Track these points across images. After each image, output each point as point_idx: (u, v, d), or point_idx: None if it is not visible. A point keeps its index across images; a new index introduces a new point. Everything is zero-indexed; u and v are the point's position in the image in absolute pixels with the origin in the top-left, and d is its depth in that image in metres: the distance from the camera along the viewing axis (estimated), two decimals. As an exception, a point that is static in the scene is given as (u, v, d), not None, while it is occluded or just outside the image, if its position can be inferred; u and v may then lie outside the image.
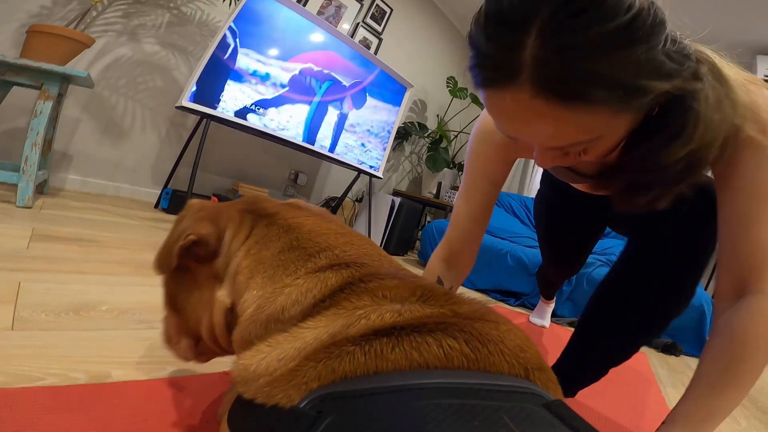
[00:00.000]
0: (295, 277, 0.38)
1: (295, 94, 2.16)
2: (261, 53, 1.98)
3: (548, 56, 0.31)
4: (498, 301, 2.07)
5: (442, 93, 3.77)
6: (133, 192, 2.20)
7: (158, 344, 0.70)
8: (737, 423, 1.04)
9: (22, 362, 0.55)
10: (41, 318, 0.68)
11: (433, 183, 3.63)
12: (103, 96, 1.98)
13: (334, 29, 2.31)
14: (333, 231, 0.43)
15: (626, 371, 1.31)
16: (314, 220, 0.44)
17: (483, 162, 0.70)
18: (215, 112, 1.83)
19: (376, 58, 2.56)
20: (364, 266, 0.39)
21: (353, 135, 2.54)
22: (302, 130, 2.26)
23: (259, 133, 2.09)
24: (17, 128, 1.73)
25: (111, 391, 0.54)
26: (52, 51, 1.44)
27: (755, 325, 0.44)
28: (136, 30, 2.00)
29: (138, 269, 1.06)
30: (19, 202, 1.35)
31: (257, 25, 1.94)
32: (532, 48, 0.32)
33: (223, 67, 1.85)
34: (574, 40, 0.31)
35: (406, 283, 0.37)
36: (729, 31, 2.89)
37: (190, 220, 0.43)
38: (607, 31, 0.30)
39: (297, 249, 0.40)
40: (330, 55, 2.31)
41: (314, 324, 0.34)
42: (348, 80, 2.43)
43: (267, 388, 0.31)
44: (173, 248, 0.41)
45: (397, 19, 3.27)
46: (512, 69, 0.33)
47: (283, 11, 2.03)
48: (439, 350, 0.29)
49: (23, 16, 1.66)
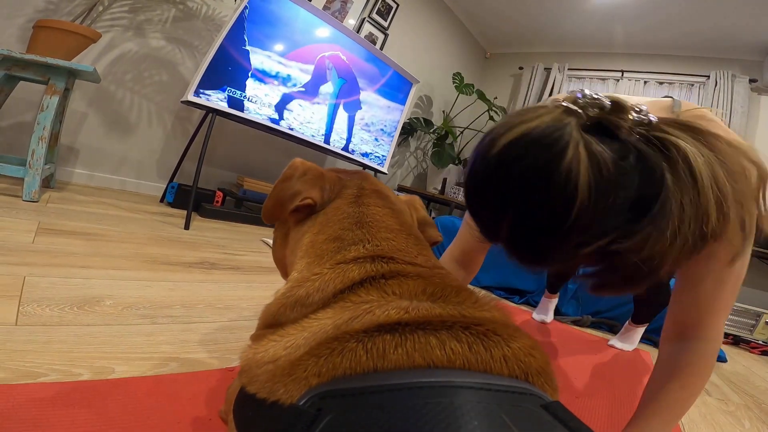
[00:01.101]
0: (326, 267, 0.39)
1: (310, 96, 2.16)
2: (278, 54, 2.00)
3: (516, 234, 0.43)
4: (502, 298, 2.06)
5: (448, 89, 3.74)
6: (138, 186, 2.21)
7: (162, 340, 0.70)
8: (741, 425, 1.03)
9: (25, 358, 0.55)
10: (45, 313, 0.68)
11: (438, 179, 3.61)
12: (110, 90, 1.98)
13: (350, 31, 2.30)
14: (383, 224, 0.44)
15: (628, 371, 1.30)
16: (376, 211, 0.45)
17: None
18: (220, 106, 1.83)
19: (388, 58, 2.54)
20: (390, 261, 0.39)
21: (367, 133, 2.58)
22: (324, 126, 2.32)
23: (264, 128, 2.08)
24: (24, 122, 1.73)
25: (114, 387, 0.54)
26: (58, 46, 1.44)
27: (696, 365, 0.54)
28: (142, 25, 2.00)
29: (143, 264, 1.06)
30: (25, 196, 1.35)
31: (271, 25, 1.93)
32: (506, 228, 0.43)
33: (239, 66, 1.84)
34: (534, 231, 0.41)
35: (425, 282, 0.37)
36: (742, 29, 2.84)
37: (301, 182, 0.46)
38: (558, 226, 0.38)
39: (338, 240, 0.42)
40: (347, 55, 2.34)
41: (323, 315, 0.35)
42: (361, 81, 2.46)
43: (269, 383, 0.31)
44: (287, 205, 0.46)
45: (403, 15, 3.25)
46: (495, 234, 0.45)
47: (300, 12, 2.02)
48: (441, 351, 0.29)
49: (30, 11, 1.67)
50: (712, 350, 0.54)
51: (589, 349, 1.46)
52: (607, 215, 0.37)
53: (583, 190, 0.36)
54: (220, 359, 0.70)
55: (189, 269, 1.12)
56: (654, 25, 3.13)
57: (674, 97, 0.92)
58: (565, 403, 0.29)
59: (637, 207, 0.37)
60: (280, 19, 2.00)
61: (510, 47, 4.21)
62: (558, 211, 0.38)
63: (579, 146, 0.37)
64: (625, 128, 0.39)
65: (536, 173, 0.38)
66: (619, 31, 3.36)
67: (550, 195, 0.38)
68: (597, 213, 0.37)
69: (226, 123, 2.22)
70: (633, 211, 0.37)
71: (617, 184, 0.37)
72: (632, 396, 1.05)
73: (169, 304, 0.85)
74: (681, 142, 0.38)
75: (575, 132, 0.37)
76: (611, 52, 3.65)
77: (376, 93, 2.57)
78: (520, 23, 3.69)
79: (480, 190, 0.45)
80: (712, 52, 3.20)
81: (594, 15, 3.24)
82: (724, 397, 1.23)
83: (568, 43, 3.77)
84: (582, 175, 0.36)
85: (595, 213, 0.37)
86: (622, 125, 0.39)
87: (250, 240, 1.77)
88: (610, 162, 0.36)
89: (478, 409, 0.24)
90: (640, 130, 0.39)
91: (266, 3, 1.93)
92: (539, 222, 0.40)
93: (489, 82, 4.33)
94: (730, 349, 2.15)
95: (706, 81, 3.19)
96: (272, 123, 2.05)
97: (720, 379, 1.45)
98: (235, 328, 0.84)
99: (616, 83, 3.61)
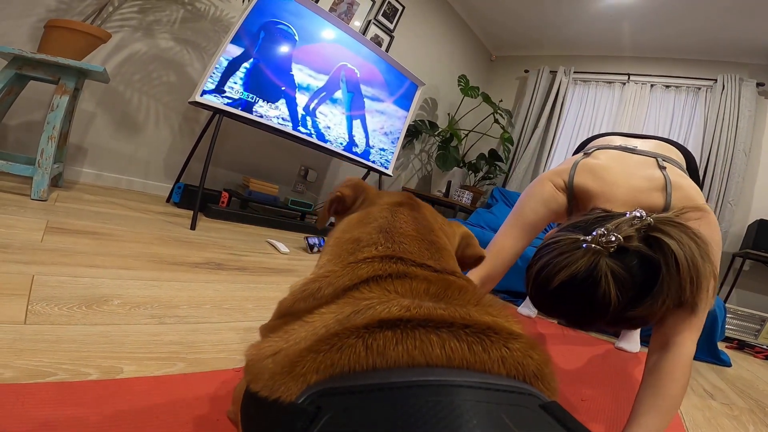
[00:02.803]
0: (339, 265, 0.41)
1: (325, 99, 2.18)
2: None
3: (571, 322, 0.71)
4: (507, 302, 2.05)
5: (453, 91, 3.74)
6: (145, 186, 2.22)
7: (170, 340, 0.70)
8: (745, 429, 1.02)
9: (33, 357, 0.55)
10: (54, 312, 0.68)
11: (443, 182, 3.60)
12: (118, 91, 2.00)
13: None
14: (401, 230, 0.46)
15: (630, 375, 1.29)
16: (401, 219, 0.47)
17: (537, 219, 0.91)
18: (227, 107, 1.83)
19: (393, 60, 2.54)
20: (399, 262, 0.40)
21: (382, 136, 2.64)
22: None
23: (271, 130, 2.09)
24: (33, 122, 1.75)
25: (122, 386, 0.54)
26: (69, 46, 1.45)
27: (674, 367, 0.67)
28: (151, 26, 2.01)
29: (150, 264, 1.06)
30: (34, 195, 1.36)
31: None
32: (564, 319, 0.70)
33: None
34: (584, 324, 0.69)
35: (428, 283, 0.38)
36: (749, 32, 2.82)
37: (341, 186, 0.55)
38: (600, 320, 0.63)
39: (357, 241, 0.44)
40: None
41: (328, 310, 0.36)
42: (378, 92, 2.55)
43: (270, 381, 0.31)
44: (326, 204, 0.55)
45: (409, 17, 3.25)
46: (553, 317, 0.72)
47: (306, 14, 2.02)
48: (440, 350, 0.29)
49: (41, 11, 1.68)
50: (688, 353, 0.68)
51: (586, 347, 1.45)
52: (627, 304, 0.58)
53: (614, 301, 0.57)
54: (227, 360, 0.70)
55: (195, 269, 1.13)
56: (661, 28, 3.12)
57: (672, 139, 1.09)
58: (567, 407, 0.29)
59: (643, 291, 0.58)
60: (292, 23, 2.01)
61: (515, 50, 4.20)
62: (600, 314, 0.60)
63: (607, 275, 0.57)
64: (632, 246, 0.58)
65: (584, 301, 0.60)
66: (626, 34, 3.34)
67: (595, 309, 0.60)
68: (621, 306, 0.58)
69: (233, 124, 2.23)
70: (641, 293, 0.58)
71: (633, 285, 0.58)
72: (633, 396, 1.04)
73: (176, 304, 0.86)
74: (670, 242, 0.57)
75: (603, 266, 0.57)
76: (618, 55, 3.64)
77: (387, 101, 2.57)
78: (525, 26, 3.69)
79: (545, 306, 0.69)
80: (719, 55, 3.18)
81: (600, 17, 3.23)
82: (728, 401, 1.22)
83: (574, 45, 3.76)
84: (612, 294, 0.57)
85: (619, 306, 0.58)
86: (631, 243, 0.58)
87: (256, 241, 1.78)
88: (627, 274, 0.57)
89: (477, 409, 0.24)
90: (643, 233, 0.59)
91: (274, 6, 1.94)
92: (588, 321, 0.65)
93: (494, 84, 4.32)
94: (734, 354, 2.13)
95: (713, 85, 3.17)
96: (279, 125, 2.06)
97: (724, 383, 1.44)
98: (241, 329, 0.84)
99: (622, 86, 3.59)
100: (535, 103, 3.87)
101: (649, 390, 0.66)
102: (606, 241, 0.58)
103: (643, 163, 0.89)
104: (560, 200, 0.90)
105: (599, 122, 3.62)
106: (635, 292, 0.57)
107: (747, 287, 2.90)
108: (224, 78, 1.81)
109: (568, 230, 0.66)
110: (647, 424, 0.62)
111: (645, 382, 0.68)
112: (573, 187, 0.89)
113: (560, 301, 0.64)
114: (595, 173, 0.87)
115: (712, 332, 1.73)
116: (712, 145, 3.05)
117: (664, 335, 0.69)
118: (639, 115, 3.46)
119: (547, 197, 0.90)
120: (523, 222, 0.91)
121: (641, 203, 0.80)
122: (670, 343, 0.68)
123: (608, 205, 0.81)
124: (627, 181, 0.84)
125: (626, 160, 0.91)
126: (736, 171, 2.95)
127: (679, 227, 0.59)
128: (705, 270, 0.58)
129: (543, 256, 0.64)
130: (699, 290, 0.58)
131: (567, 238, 0.62)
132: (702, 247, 0.59)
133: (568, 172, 0.90)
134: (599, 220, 0.64)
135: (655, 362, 0.69)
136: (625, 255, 0.58)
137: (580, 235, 0.61)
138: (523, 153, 3.82)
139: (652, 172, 0.85)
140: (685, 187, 0.82)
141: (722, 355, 1.77)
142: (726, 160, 2.99)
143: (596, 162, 0.90)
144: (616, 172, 0.87)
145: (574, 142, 3.70)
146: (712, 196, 2.98)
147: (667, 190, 0.80)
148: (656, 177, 0.83)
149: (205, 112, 2.22)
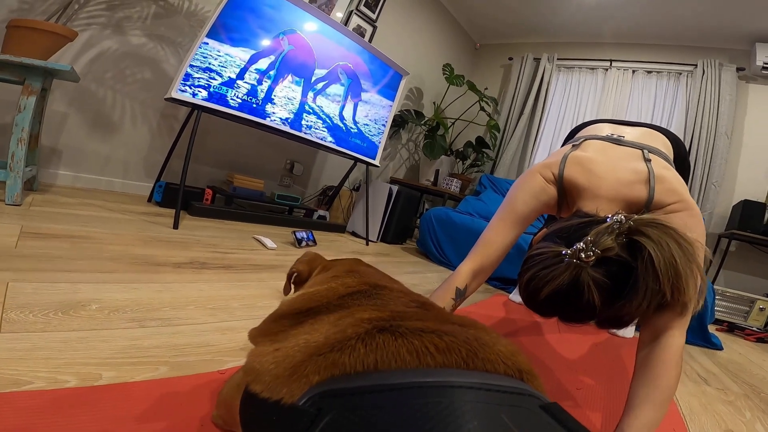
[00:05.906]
0: (330, 283, 0.49)
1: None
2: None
3: (562, 320, 0.70)
4: (498, 289, 2.06)
5: (439, 80, 3.72)
6: (125, 186, 2.17)
7: (151, 344, 0.69)
8: (742, 415, 1.04)
9: (9, 366, 0.53)
10: (30, 319, 0.66)
11: (431, 170, 3.60)
12: (90, 90, 1.93)
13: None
14: (368, 272, 0.57)
15: (625, 361, 1.31)
16: (364, 268, 0.58)
17: (528, 210, 0.92)
18: (204, 102, 1.79)
19: (376, 50, 2.51)
20: (377, 284, 0.47)
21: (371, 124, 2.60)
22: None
23: (254, 124, 2.05)
24: (2, 125, 1.68)
25: (102, 393, 0.53)
26: (33, 45, 1.39)
27: (665, 360, 0.67)
28: (121, 22, 1.95)
29: (130, 266, 1.04)
30: (7, 200, 1.32)
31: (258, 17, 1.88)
32: (555, 318, 0.71)
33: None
34: (574, 322, 0.71)
35: (408, 295, 0.45)
36: (729, 19, 2.85)
37: (297, 263, 0.68)
38: (587, 320, 0.69)
39: (336, 278, 0.52)
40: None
41: (325, 315, 0.39)
42: (364, 83, 2.52)
43: (272, 382, 0.31)
44: (287, 279, 0.68)
45: (392, 6, 3.21)
46: (546, 317, 0.73)
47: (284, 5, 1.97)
48: (439, 354, 0.30)
49: (3, 11, 1.61)
50: (678, 344, 0.69)
51: (581, 336, 1.47)
52: (612, 306, 0.61)
53: (599, 306, 0.61)
54: (212, 362, 0.68)
55: (178, 270, 1.10)
56: (642, 14, 3.13)
57: (657, 125, 1.09)
58: (564, 395, 0.29)
59: (628, 293, 0.59)
60: (263, 12, 1.96)
61: (499, 38, 4.19)
62: (588, 317, 0.67)
63: (590, 285, 0.60)
64: (611, 255, 0.60)
65: (571, 307, 0.65)
66: (608, 21, 3.36)
67: (581, 313, 0.66)
68: (606, 308, 0.62)
69: (214, 119, 2.18)
70: (617, 293, 0.61)
71: (616, 290, 0.60)
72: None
73: (157, 307, 0.83)
74: (649, 244, 0.58)
75: (585, 277, 0.60)
76: (600, 42, 3.66)
77: (371, 91, 2.54)
78: (509, 14, 3.67)
79: (538, 312, 0.71)
80: (699, 41, 3.22)
81: (583, 5, 3.23)
82: (723, 387, 1.24)
83: (557, 33, 3.77)
84: (596, 299, 0.60)
85: (605, 309, 0.62)
86: (610, 253, 0.60)
87: (242, 238, 1.75)
88: (608, 281, 0.60)
89: (477, 409, 0.24)
90: (623, 237, 0.61)
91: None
92: (578, 323, 0.69)
93: (479, 72, 4.31)
94: (725, 336, 2.17)
95: (693, 70, 3.21)
96: (256, 117, 2.02)
97: (717, 368, 1.46)
98: (226, 329, 0.82)
99: (605, 73, 3.62)
100: (519, 90, 3.87)
101: (642, 382, 0.67)
102: (585, 256, 0.60)
103: (628, 156, 0.89)
104: (550, 192, 0.91)
105: (583, 108, 3.64)
106: (619, 296, 0.60)
107: (734, 268, 2.95)
108: (202, 72, 1.77)
109: (552, 239, 0.68)
110: (643, 416, 0.63)
111: (637, 376, 0.69)
112: (563, 179, 0.89)
113: (550, 309, 0.68)
114: (584, 166, 0.88)
115: (702, 315, 1.75)
116: (695, 128, 3.09)
117: (653, 330, 0.70)
118: (622, 100, 3.49)
119: (537, 190, 0.92)
120: (514, 214, 0.93)
121: (625, 197, 0.82)
122: (659, 336, 0.69)
123: (594, 200, 0.83)
124: (613, 175, 0.85)
125: (612, 152, 0.91)
126: (718, 153, 3.00)
127: (661, 228, 0.60)
128: (687, 271, 0.58)
129: (530, 267, 0.67)
130: (681, 291, 0.58)
131: (550, 250, 0.65)
132: (686, 247, 0.59)
133: (558, 165, 0.90)
134: (582, 227, 0.66)
135: (646, 355, 0.70)
136: (606, 263, 0.60)
137: (562, 248, 0.63)
138: (510, 139, 3.83)
139: (637, 164, 0.86)
140: (668, 179, 0.82)
141: (713, 338, 1.79)
142: (708, 143, 3.03)
143: (584, 155, 0.91)
144: (603, 164, 0.87)
145: (559, 128, 3.72)
146: (696, 179, 3.03)
147: (650, 183, 0.81)
148: (640, 170, 0.84)
149: (184, 109, 2.16)
